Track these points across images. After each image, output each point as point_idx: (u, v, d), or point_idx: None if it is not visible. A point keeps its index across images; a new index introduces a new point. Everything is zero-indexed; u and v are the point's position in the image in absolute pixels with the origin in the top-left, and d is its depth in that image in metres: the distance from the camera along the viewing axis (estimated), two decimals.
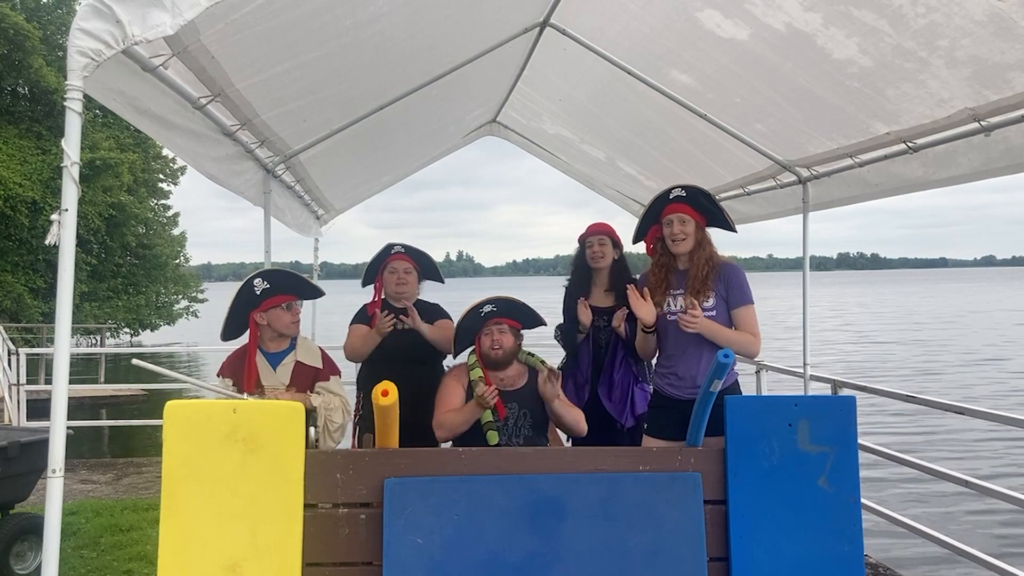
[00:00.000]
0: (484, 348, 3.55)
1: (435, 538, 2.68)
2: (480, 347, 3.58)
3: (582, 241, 4.35)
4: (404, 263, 4.13)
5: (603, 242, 4.26)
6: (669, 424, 3.49)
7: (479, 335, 3.59)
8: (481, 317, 3.57)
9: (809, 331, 5.23)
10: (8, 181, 22.69)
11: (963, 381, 19.99)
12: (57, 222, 2.06)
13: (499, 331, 3.55)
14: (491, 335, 3.55)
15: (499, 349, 3.52)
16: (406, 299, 4.12)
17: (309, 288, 3.64)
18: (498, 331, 3.55)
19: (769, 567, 2.79)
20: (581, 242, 4.35)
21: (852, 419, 2.88)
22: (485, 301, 3.59)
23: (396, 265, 4.12)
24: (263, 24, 2.78)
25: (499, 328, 3.55)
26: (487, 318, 3.56)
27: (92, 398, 16.06)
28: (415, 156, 6.85)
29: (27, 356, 9.04)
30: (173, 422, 2.61)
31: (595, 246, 4.25)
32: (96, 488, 7.11)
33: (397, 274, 4.11)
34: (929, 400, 4.90)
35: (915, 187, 3.97)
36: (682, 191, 3.58)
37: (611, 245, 4.27)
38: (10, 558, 4.65)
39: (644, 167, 6.06)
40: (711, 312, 3.49)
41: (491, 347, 3.53)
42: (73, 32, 2.03)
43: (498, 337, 3.54)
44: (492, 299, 3.59)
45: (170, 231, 31.85)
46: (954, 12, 2.76)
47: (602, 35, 4.22)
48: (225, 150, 3.64)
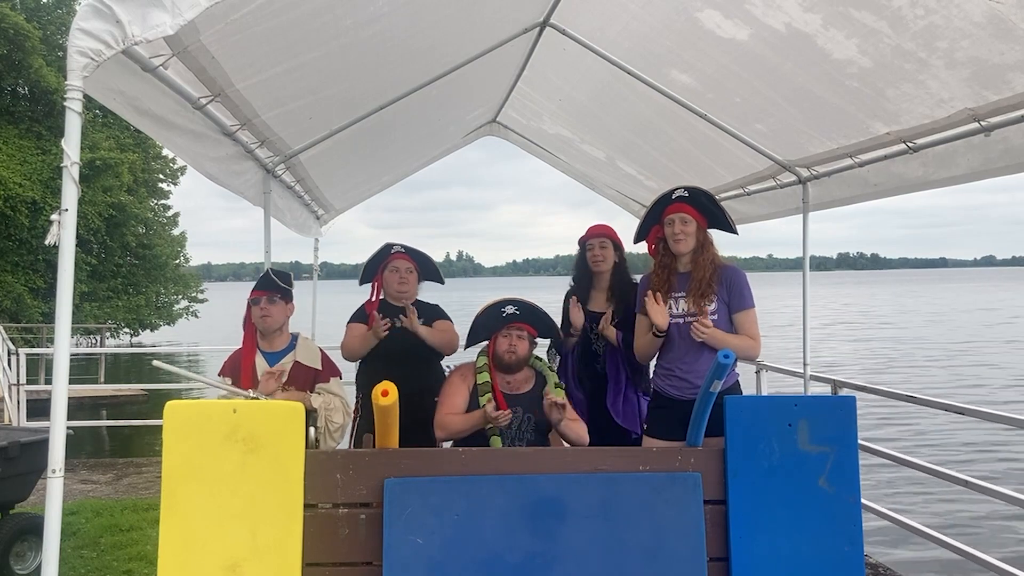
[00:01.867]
0: (500, 350, 3.50)
1: (435, 538, 2.68)
2: (495, 347, 3.53)
3: (582, 244, 4.29)
4: (406, 263, 4.11)
5: (604, 244, 4.20)
6: (670, 425, 3.49)
7: (496, 335, 3.54)
8: (502, 318, 3.51)
9: (809, 331, 5.23)
10: (8, 181, 22.69)
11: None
12: (57, 222, 2.06)
13: (518, 336, 3.50)
14: (510, 338, 3.49)
15: (514, 354, 3.49)
16: (407, 299, 4.11)
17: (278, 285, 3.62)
18: (517, 336, 3.50)
19: (769, 567, 2.79)
20: (581, 244, 4.29)
21: (852, 419, 2.88)
22: (507, 301, 3.53)
23: (398, 264, 4.10)
24: (263, 24, 2.78)
25: (518, 333, 3.50)
26: (508, 320, 3.51)
27: (92, 398, 16.06)
28: (415, 156, 6.85)
29: (27, 356, 9.04)
30: (173, 422, 2.61)
31: (596, 249, 4.19)
32: (96, 488, 7.10)
33: (399, 273, 4.09)
34: (929, 400, 4.89)
35: (915, 187, 3.97)
36: (684, 191, 3.58)
37: (612, 248, 4.21)
38: (10, 558, 4.65)
39: (644, 167, 6.06)
40: (712, 316, 3.49)
41: (508, 350, 3.48)
42: (73, 32, 2.03)
43: (516, 342, 3.49)
44: (515, 301, 3.53)
45: (170, 231, 31.84)
46: (953, 14, 2.76)
47: (602, 35, 4.22)
48: (225, 150, 3.64)
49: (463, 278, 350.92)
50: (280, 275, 3.60)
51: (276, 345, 3.59)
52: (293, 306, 3.66)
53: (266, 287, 3.55)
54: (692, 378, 3.51)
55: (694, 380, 3.49)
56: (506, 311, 3.51)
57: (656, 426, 3.66)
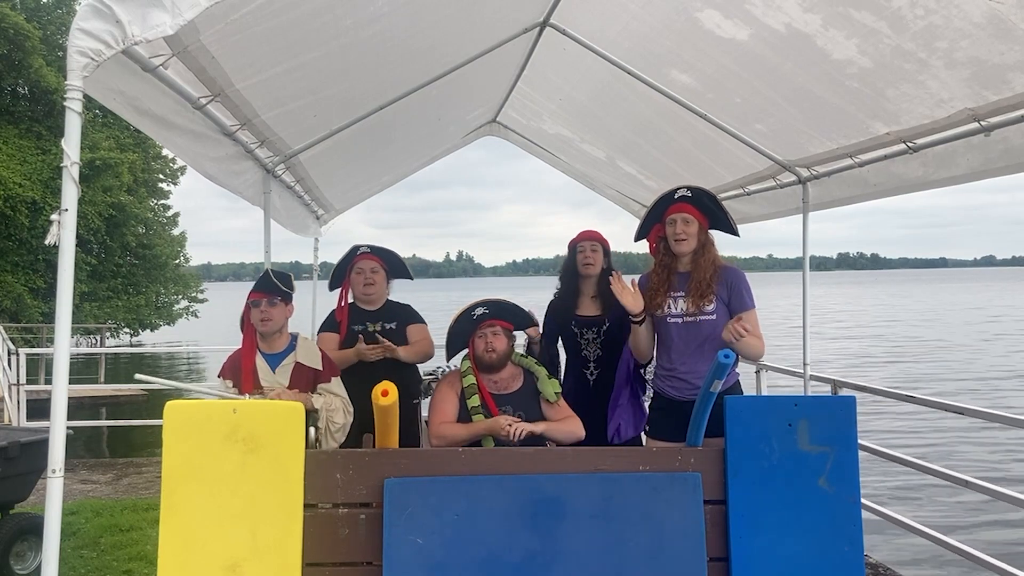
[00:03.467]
0: (479, 351, 3.53)
1: (435, 538, 2.68)
2: (474, 350, 3.56)
3: (572, 247, 4.26)
4: (371, 262, 4.04)
5: (595, 248, 4.17)
6: (671, 426, 3.48)
7: (472, 338, 3.57)
8: (473, 320, 3.55)
9: (806, 330, 5.23)
10: (8, 181, 22.69)
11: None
12: (57, 222, 2.06)
13: (492, 333, 3.52)
14: (485, 338, 3.52)
15: (493, 352, 3.50)
16: (375, 300, 4.07)
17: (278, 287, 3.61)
18: (491, 333, 3.52)
19: (769, 567, 2.79)
20: (572, 248, 4.26)
21: (852, 419, 2.89)
22: (475, 304, 3.57)
23: (363, 265, 4.04)
24: (263, 24, 2.78)
25: (492, 330, 3.52)
26: (479, 321, 3.54)
27: (92, 398, 16.05)
28: (415, 156, 6.85)
29: (27, 356, 9.05)
30: (173, 422, 2.61)
31: (587, 251, 4.16)
32: (96, 488, 7.11)
33: (364, 274, 4.02)
34: (929, 400, 4.90)
35: (915, 187, 3.97)
36: (687, 191, 3.57)
37: (602, 253, 4.19)
38: (10, 558, 4.65)
39: (644, 167, 6.06)
40: (711, 316, 3.49)
41: (485, 350, 3.50)
42: (73, 32, 2.03)
43: (492, 340, 3.51)
44: (482, 302, 3.57)
45: (170, 231, 31.86)
46: (953, 14, 2.76)
47: (602, 35, 4.22)
48: (225, 150, 3.64)
49: (463, 278, 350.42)
50: (280, 276, 3.57)
51: (276, 346, 3.57)
52: (293, 307, 3.63)
53: (266, 289, 3.51)
54: (692, 379, 3.50)
55: (694, 381, 3.48)
56: (476, 313, 3.54)
57: (657, 427, 3.67)
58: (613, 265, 4.22)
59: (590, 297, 4.20)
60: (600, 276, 4.16)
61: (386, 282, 4.13)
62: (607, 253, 4.24)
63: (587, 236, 4.22)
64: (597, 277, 4.17)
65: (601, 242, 4.21)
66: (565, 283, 4.28)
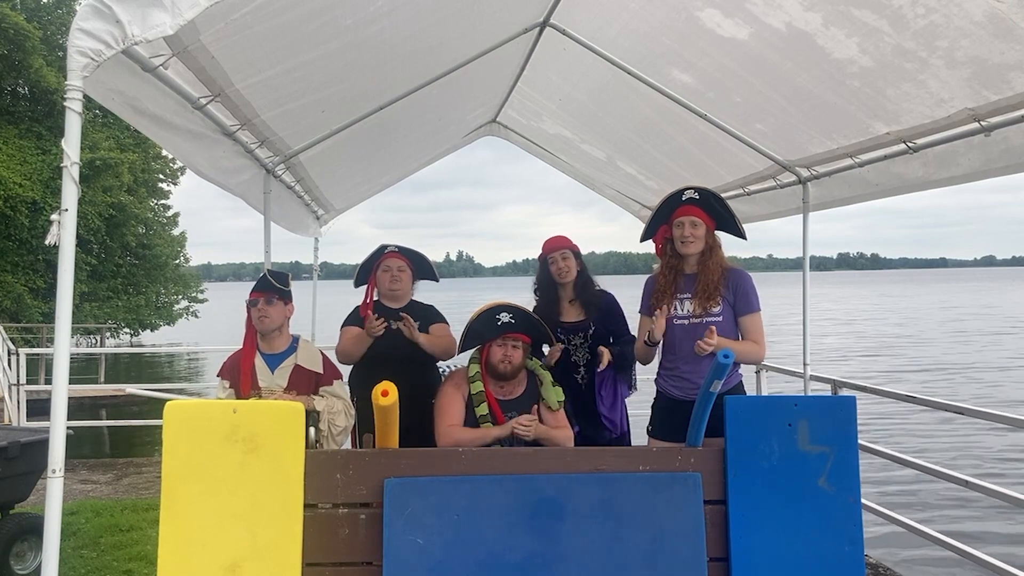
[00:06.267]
0: (494, 359, 3.47)
1: (435, 538, 2.68)
2: (489, 356, 3.50)
3: (543, 259, 4.21)
4: (398, 261, 4.08)
5: (565, 256, 4.13)
6: (673, 426, 3.47)
7: (491, 343, 3.49)
8: (498, 326, 3.46)
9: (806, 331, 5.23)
10: (8, 181, 22.67)
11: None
12: (57, 222, 2.06)
13: (513, 346, 3.46)
14: (505, 348, 3.45)
15: (510, 364, 3.45)
16: (400, 297, 4.09)
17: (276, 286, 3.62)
18: (512, 346, 3.46)
19: (769, 567, 2.79)
20: (542, 260, 4.22)
21: (852, 419, 2.88)
22: (502, 308, 3.48)
23: (390, 263, 4.07)
24: (263, 24, 2.78)
25: (513, 343, 3.46)
26: (504, 330, 3.46)
27: (92, 398, 16.03)
28: (415, 156, 6.85)
29: (27, 356, 9.03)
30: (173, 422, 2.61)
31: (559, 262, 4.12)
32: (96, 488, 7.10)
33: (391, 272, 4.05)
34: (929, 400, 4.89)
35: (915, 187, 3.97)
36: (695, 193, 3.55)
37: (573, 257, 4.16)
38: (10, 558, 4.64)
39: (644, 167, 6.06)
40: (717, 318, 3.49)
41: (502, 360, 3.45)
42: (73, 32, 2.03)
43: (511, 352, 3.45)
44: (510, 308, 3.48)
45: (170, 231, 31.84)
46: (953, 13, 2.76)
47: (602, 35, 4.22)
48: (225, 150, 3.64)
49: (463, 278, 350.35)
50: (277, 276, 3.61)
51: (276, 347, 3.58)
52: (292, 307, 3.65)
53: (263, 288, 3.57)
54: (695, 378, 3.50)
55: (697, 380, 3.48)
56: (501, 319, 3.46)
57: (659, 427, 3.67)
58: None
59: (569, 302, 4.18)
60: (576, 279, 4.15)
61: (412, 282, 4.15)
62: (578, 255, 4.21)
63: (556, 246, 4.17)
64: (574, 281, 4.15)
65: (570, 248, 4.17)
66: (543, 294, 4.24)
